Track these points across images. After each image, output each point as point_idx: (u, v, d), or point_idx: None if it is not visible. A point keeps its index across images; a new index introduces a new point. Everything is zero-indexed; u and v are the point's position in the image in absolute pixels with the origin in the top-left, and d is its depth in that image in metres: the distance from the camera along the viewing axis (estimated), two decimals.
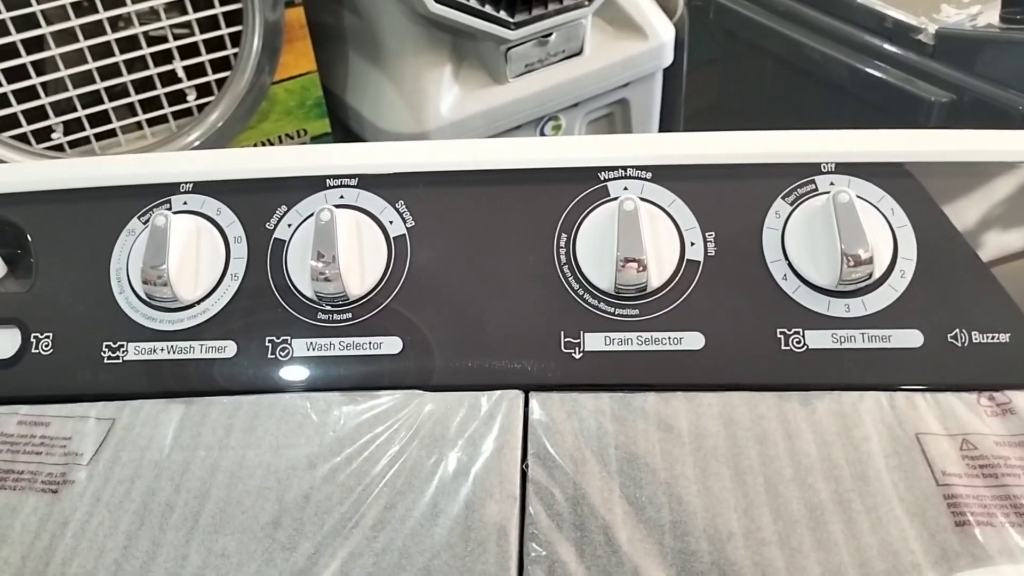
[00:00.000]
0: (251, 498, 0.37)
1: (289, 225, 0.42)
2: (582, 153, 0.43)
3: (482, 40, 1.10)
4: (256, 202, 0.43)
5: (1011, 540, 0.34)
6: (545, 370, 0.40)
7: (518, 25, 1.08)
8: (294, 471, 0.37)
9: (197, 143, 0.99)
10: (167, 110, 0.97)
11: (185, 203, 0.44)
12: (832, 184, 0.41)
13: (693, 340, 0.40)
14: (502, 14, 1.07)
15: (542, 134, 1.21)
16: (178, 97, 0.97)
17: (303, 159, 0.44)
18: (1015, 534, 0.34)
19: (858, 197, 0.40)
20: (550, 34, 1.13)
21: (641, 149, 0.43)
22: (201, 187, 0.44)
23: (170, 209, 0.44)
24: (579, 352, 0.40)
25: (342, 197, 0.43)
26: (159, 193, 0.44)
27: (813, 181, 0.42)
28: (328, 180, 0.43)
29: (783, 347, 0.40)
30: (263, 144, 1.09)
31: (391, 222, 0.42)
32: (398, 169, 0.43)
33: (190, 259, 0.42)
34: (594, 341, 0.40)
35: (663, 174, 0.42)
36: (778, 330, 0.40)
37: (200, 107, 1.01)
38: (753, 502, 0.35)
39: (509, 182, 0.43)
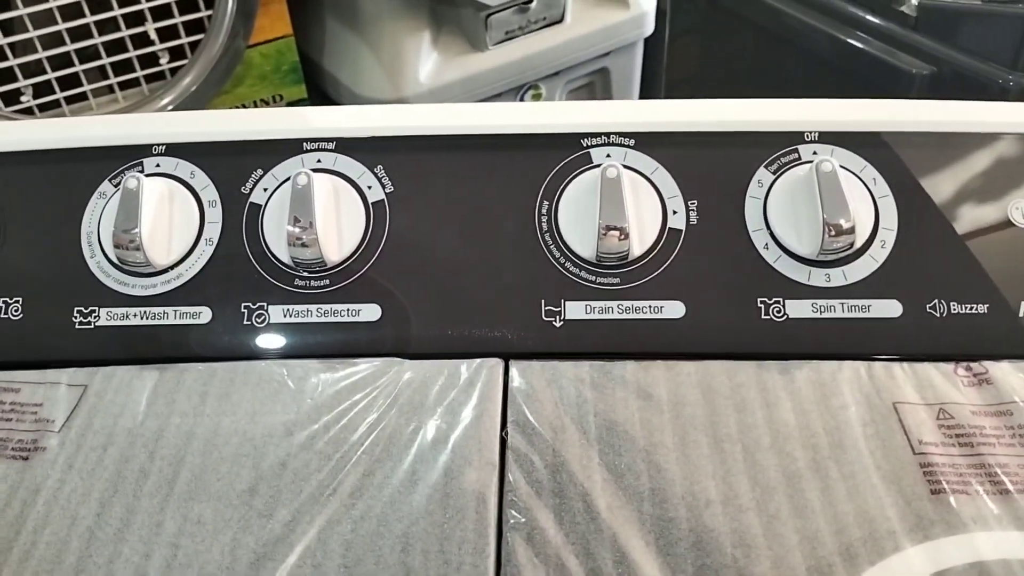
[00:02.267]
0: (227, 465, 0.36)
1: (265, 189, 0.41)
2: (565, 119, 0.43)
3: (461, 6, 1.09)
4: (231, 165, 0.42)
5: (985, 508, 0.34)
6: (525, 338, 0.40)
7: None
8: (271, 438, 0.37)
9: (170, 107, 0.97)
10: (139, 73, 0.94)
11: (158, 165, 0.43)
12: (815, 153, 0.41)
13: (674, 309, 0.40)
14: None
15: (522, 101, 1.20)
16: (151, 60, 0.94)
17: (280, 121, 0.43)
18: (989, 502, 0.34)
19: (841, 167, 0.40)
20: (531, 1, 1.11)
21: (624, 116, 0.43)
22: (174, 149, 0.43)
23: (142, 171, 0.42)
24: (560, 320, 0.40)
25: (319, 161, 0.42)
26: (131, 155, 0.43)
27: (796, 150, 0.41)
28: (305, 143, 0.42)
29: (763, 316, 0.40)
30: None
31: (369, 187, 0.41)
32: (377, 133, 0.42)
33: (163, 223, 0.41)
34: (575, 309, 0.40)
35: (646, 141, 0.42)
36: (758, 299, 0.40)
37: (173, 71, 0.98)
38: (731, 469, 0.35)
39: (490, 147, 0.42)
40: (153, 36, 0.94)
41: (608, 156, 0.42)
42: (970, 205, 0.41)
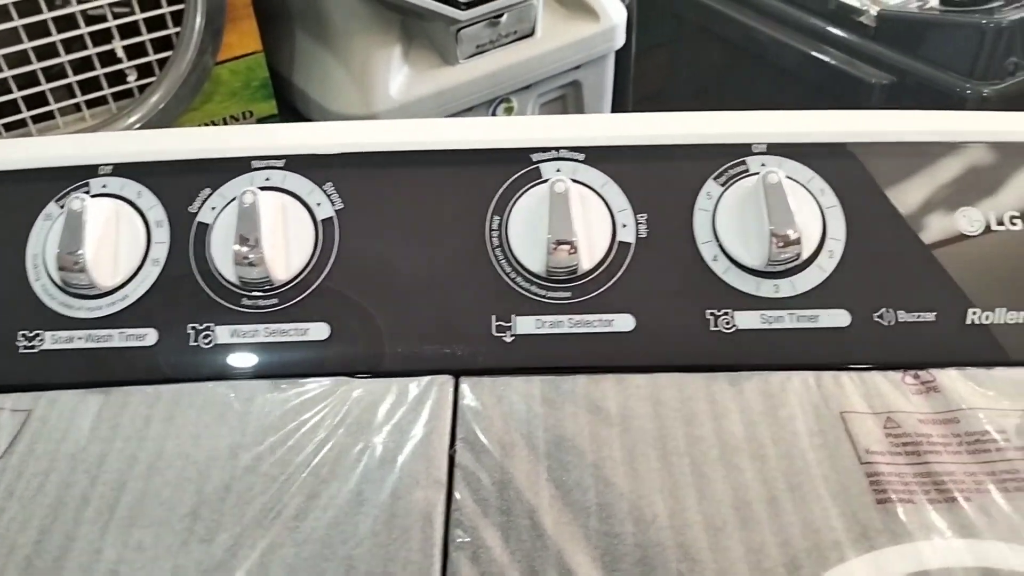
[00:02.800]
0: (169, 489, 0.36)
1: (213, 208, 0.41)
2: (515, 134, 0.43)
3: (432, 20, 1.09)
4: (179, 184, 0.42)
5: (930, 517, 0.34)
6: (476, 355, 0.40)
7: (468, 5, 1.07)
8: (215, 461, 0.36)
9: (138, 125, 0.96)
10: (107, 91, 0.94)
11: (104, 186, 0.42)
12: (763, 165, 0.41)
13: (624, 322, 0.40)
14: None
15: (494, 115, 1.20)
16: (118, 78, 0.94)
17: (228, 140, 0.42)
18: (935, 511, 0.34)
19: (788, 178, 0.40)
20: (501, 15, 1.12)
21: (574, 131, 0.43)
22: (121, 169, 0.42)
23: (88, 192, 0.42)
24: (510, 336, 0.40)
25: (268, 179, 0.41)
26: (78, 176, 0.43)
27: (744, 162, 0.42)
28: (254, 161, 0.42)
29: (712, 328, 0.40)
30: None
31: (319, 204, 0.41)
32: (326, 150, 0.42)
33: (109, 244, 0.40)
34: (525, 324, 0.40)
35: (596, 156, 0.42)
36: (707, 311, 0.40)
37: (141, 88, 0.98)
38: (678, 483, 0.35)
39: (441, 163, 0.42)
40: (120, 54, 0.94)
41: (558, 171, 0.42)
42: (918, 214, 0.42)
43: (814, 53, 0.79)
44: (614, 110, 1.26)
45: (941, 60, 0.71)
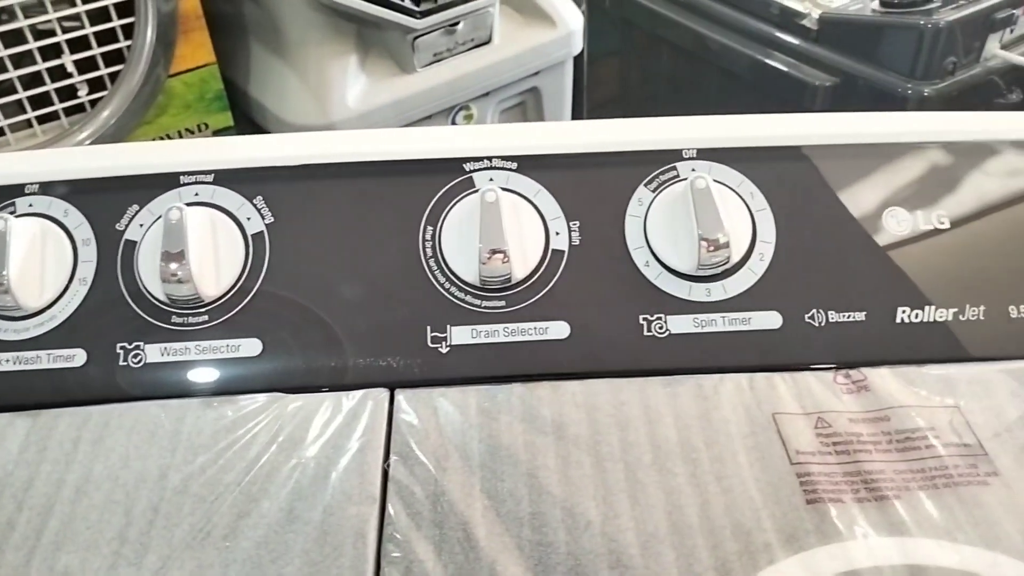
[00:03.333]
0: (97, 513, 0.35)
1: (141, 225, 0.41)
2: (447, 144, 0.43)
3: (388, 29, 1.09)
4: (106, 202, 0.41)
5: (860, 515, 0.34)
6: (411, 366, 0.39)
7: (424, 14, 1.06)
8: (143, 483, 0.36)
9: (90, 140, 0.95)
10: (58, 106, 0.92)
11: (31, 205, 0.42)
12: (693, 170, 0.42)
13: (559, 329, 0.40)
14: (407, 2, 1.06)
15: (454, 123, 1.20)
16: (69, 93, 0.93)
17: (156, 156, 0.42)
18: (864, 509, 0.35)
19: (717, 182, 0.40)
20: (457, 23, 1.12)
21: (506, 140, 0.43)
22: (48, 188, 0.42)
23: (14, 212, 0.41)
24: (446, 346, 0.40)
25: (197, 194, 0.41)
26: (3, 196, 0.42)
27: (675, 168, 0.42)
28: (182, 177, 0.41)
29: (646, 333, 0.40)
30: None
31: (249, 219, 0.41)
32: (256, 164, 0.42)
33: (34, 264, 0.40)
34: (460, 335, 0.40)
35: (528, 164, 0.42)
36: (641, 316, 0.40)
37: (93, 103, 0.97)
38: (612, 489, 0.35)
39: (373, 174, 0.42)
40: (71, 68, 0.92)
41: (491, 180, 0.42)
42: (848, 215, 0.42)
43: (761, 58, 0.80)
44: (575, 116, 1.26)
45: (882, 61, 0.72)
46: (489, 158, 0.42)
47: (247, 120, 1.17)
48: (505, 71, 1.19)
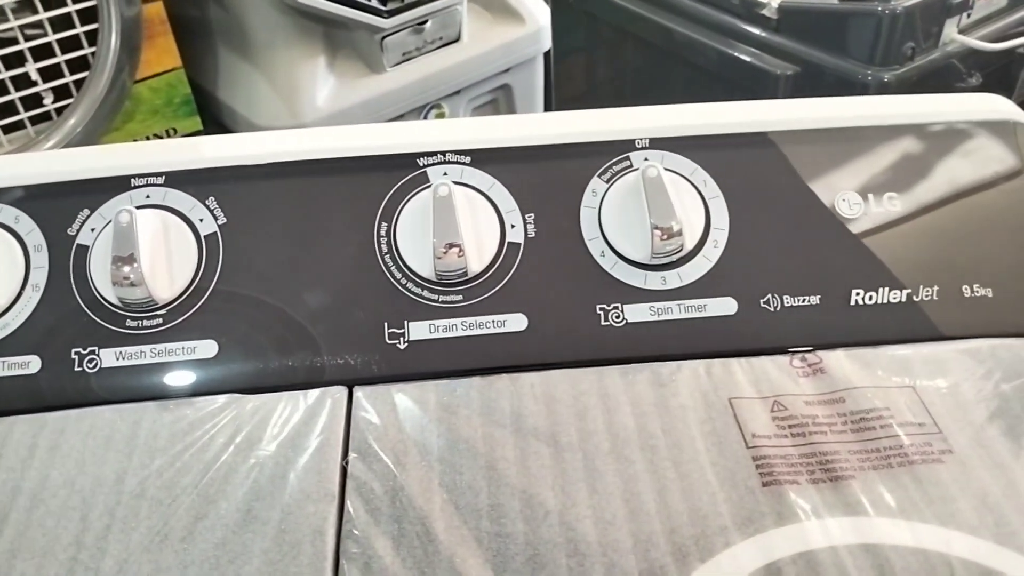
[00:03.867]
0: (53, 519, 0.35)
1: (92, 230, 0.40)
2: (400, 140, 0.43)
3: (355, 29, 1.08)
4: (57, 207, 0.41)
5: (815, 496, 0.35)
6: (369, 363, 0.39)
7: (391, 13, 1.06)
8: (100, 488, 0.36)
9: (58, 148, 0.94)
10: (23, 115, 0.92)
11: None
12: (646, 160, 0.42)
13: (517, 322, 0.40)
14: (373, 2, 1.05)
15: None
16: (35, 101, 0.92)
17: (106, 159, 0.42)
18: (820, 490, 0.35)
19: (669, 171, 0.40)
20: (425, 21, 1.12)
21: (460, 134, 0.43)
22: None
23: None
24: (404, 342, 0.40)
25: (148, 197, 0.41)
26: None
27: (628, 158, 0.42)
28: (133, 180, 0.41)
29: (603, 323, 0.40)
30: None
31: (201, 220, 0.41)
32: (207, 164, 0.41)
33: None
34: (418, 330, 0.40)
35: (482, 158, 0.42)
36: (598, 306, 0.40)
37: (59, 111, 0.96)
38: (570, 478, 0.35)
39: (326, 172, 0.42)
40: (35, 77, 0.92)
41: (445, 174, 0.42)
42: (799, 200, 0.42)
43: (724, 49, 0.80)
44: (547, 111, 1.26)
45: (842, 49, 0.73)
46: (443, 152, 0.42)
47: (217, 124, 1.17)
48: (475, 69, 1.19)
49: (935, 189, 0.44)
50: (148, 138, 1.08)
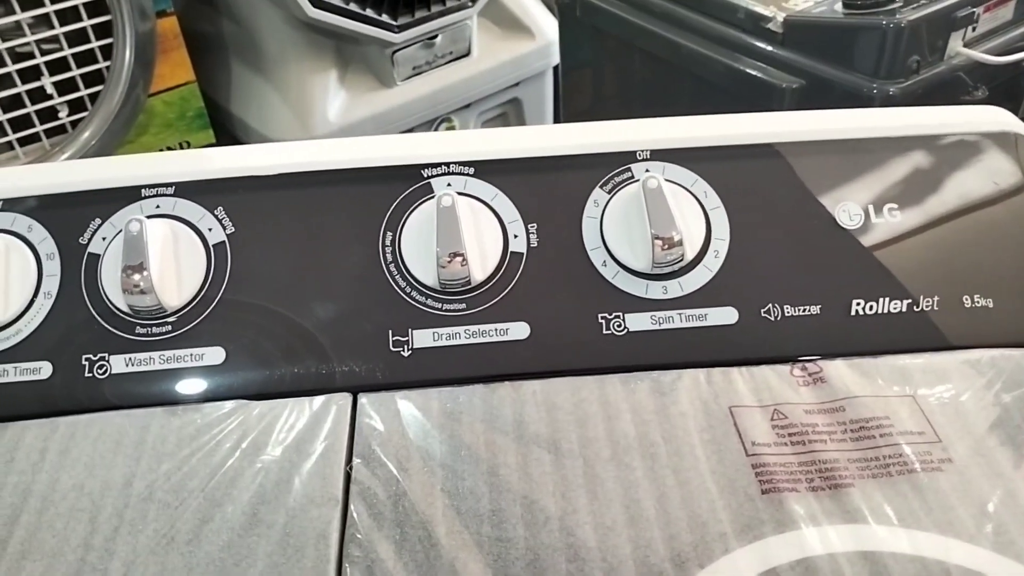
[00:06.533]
0: (62, 521, 0.35)
1: (103, 239, 0.41)
2: (405, 151, 0.43)
3: (367, 44, 1.10)
4: (69, 217, 0.42)
5: (814, 504, 0.35)
6: (374, 370, 0.40)
7: (401, 28, 1.08)
8: (108, 491, 0.36)
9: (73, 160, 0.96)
10: (39, 128, 0.93)
11: None
12: (647, 171, 0.42)
13: (519, 330, 0.41)
14: (384, 17, 1.07)
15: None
16: (50, 114, 0.94)
17: (117, 170, 0.42)
18: (819, 498, 0.35)
19: (670, 182, 0.41)
20: (436, 36, 1.13)
21: (463, 145, 0.43)
22: (11, 204, 0.42)
23: None
24: (408, 350, 0.40)
25: (158, 206, 0.42)
26: None
27: (629, 169, 0.43)
28: (143, 190, 0.42)
29: (604, 331, 0.40)
30: None
31: (210, 229, 0.41)
32: (216, 175, 0.42)
33: None
34: (422, 338, 0.40)
35: (485, 169, 0.43)
36: (599, 315, 0.41)
37: (74, 123, 0.97)
38: (571, 484, 0.36)
39: (332, 183, 0.43)
40: (51, 90, 0.93)
41: (448, 185, 0.42)
42: (800, 210, 0.43)
43: (730, 62, 0.81)
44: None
45: (847, 62, 0.73)
46: (446, 164, 0.43)
47: (230, 137, 1.18)
48: (485, 83, 1.20)
49: (936, 200, 0.44)
50: (161, 151, 1.09)
